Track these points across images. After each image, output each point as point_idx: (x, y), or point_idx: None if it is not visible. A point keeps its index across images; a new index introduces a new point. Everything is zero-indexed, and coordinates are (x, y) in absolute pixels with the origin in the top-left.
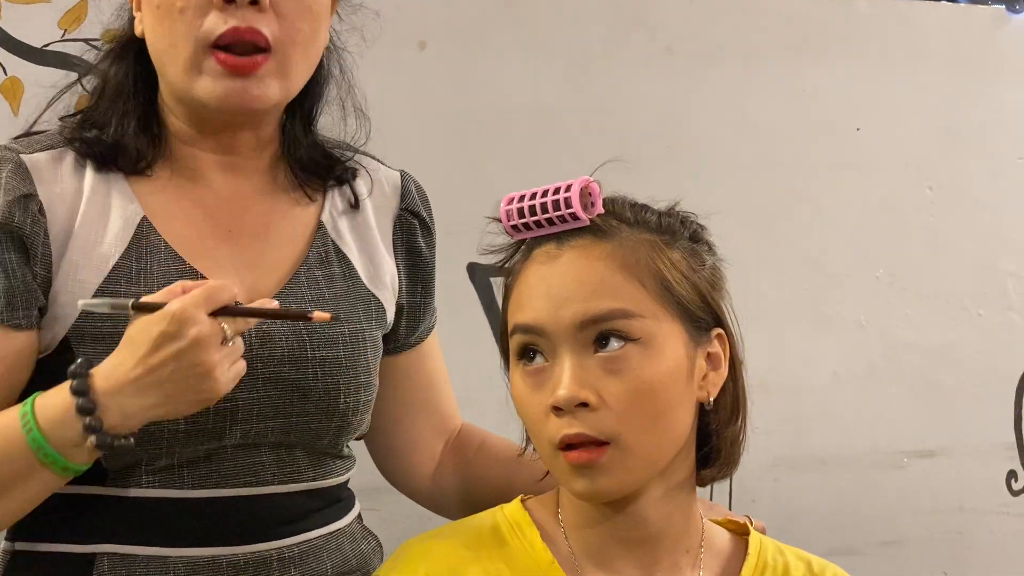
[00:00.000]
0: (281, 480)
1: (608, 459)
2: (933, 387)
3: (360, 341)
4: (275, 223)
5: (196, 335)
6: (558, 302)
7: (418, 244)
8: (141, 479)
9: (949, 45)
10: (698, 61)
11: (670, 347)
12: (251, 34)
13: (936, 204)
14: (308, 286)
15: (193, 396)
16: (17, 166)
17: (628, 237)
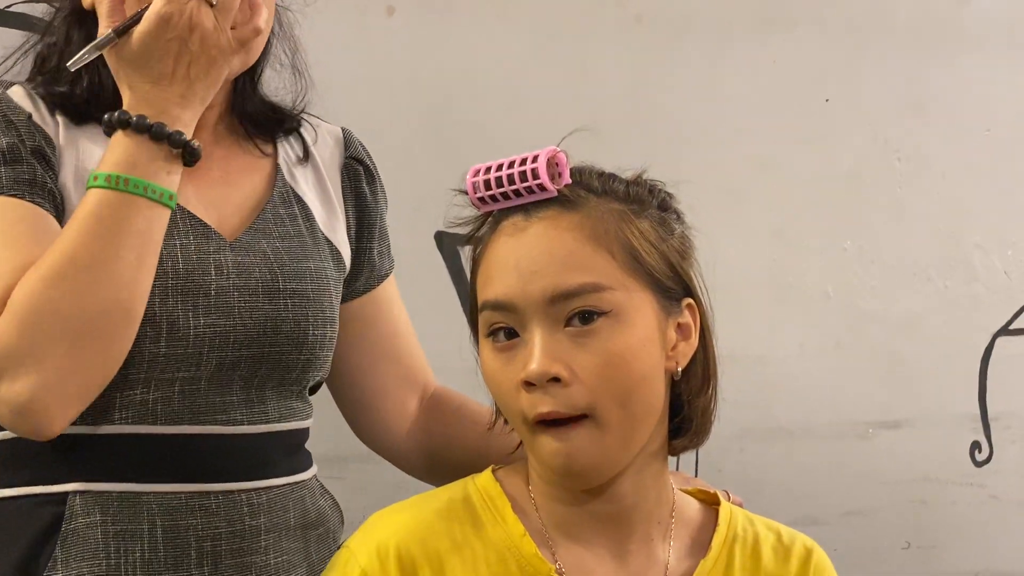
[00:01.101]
0: (250, 420)
1: (583, 433)
2: (898, 358)
3: (323, 278)
4: (234, 169)
5: (195, 24)
6: (527, 276)
7: (363, 190)
8: (114, 415)
9: (917, 18)
10: (667, 31)
11: (641, 318)
12: None
13: (903, 176)
14: (275, 223)
15: (218, 75)
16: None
17: (596, 207)
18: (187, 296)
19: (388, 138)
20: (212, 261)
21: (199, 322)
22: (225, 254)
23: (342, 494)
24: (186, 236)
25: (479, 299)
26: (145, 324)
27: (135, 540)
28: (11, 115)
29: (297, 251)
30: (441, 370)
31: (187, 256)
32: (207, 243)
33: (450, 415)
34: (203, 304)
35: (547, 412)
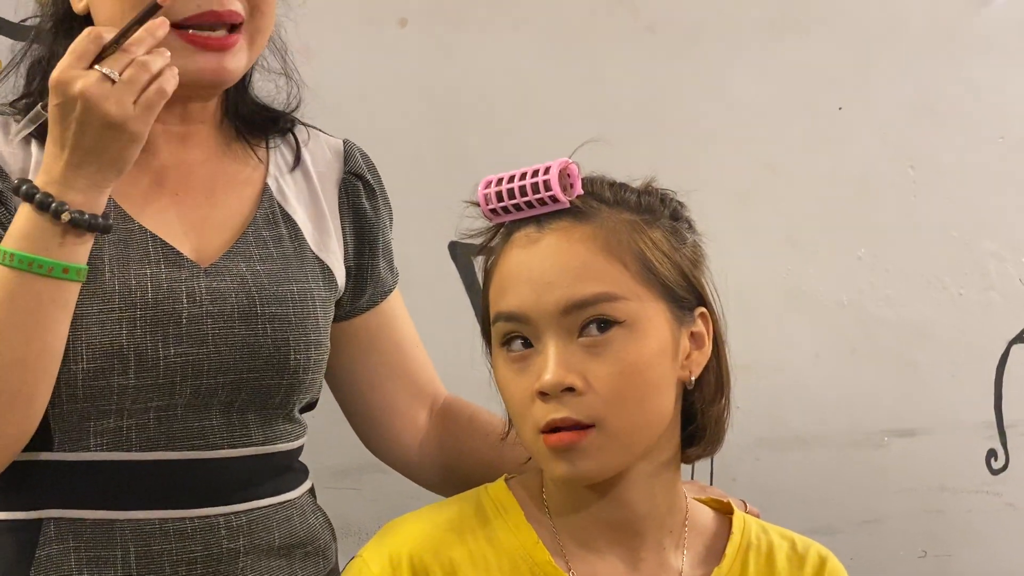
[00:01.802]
0: (231, 444)
1: (589, 442)
2: (913, 366)
3: (308, 300)
4: (220, 187)
5: (79, 92)
6: (541, 287)
7: (363, 206)
8: (89, 442)
9: (931, 24)
10: (680, 39)
11: (654, 328)
12: (231, 16)
13: (917, 183)
14: (256, 245)
15: (116, 144)
16: None
17: (608, 218)
18: (156, 326)
19: (401, 148)
20: (184, 289)
21: (169, 352)
22: (199, 281)
23: (357, 505)
24: (156, 265)
25: (492, 310)
26: (112, 357)
27: (108, 566)
28: None
29: (279, 273)
30: (454, 381)
31: (157, 286)
32: (179, 271)
33: (461, 426)
34: (173, 334)
35: (561, 419)
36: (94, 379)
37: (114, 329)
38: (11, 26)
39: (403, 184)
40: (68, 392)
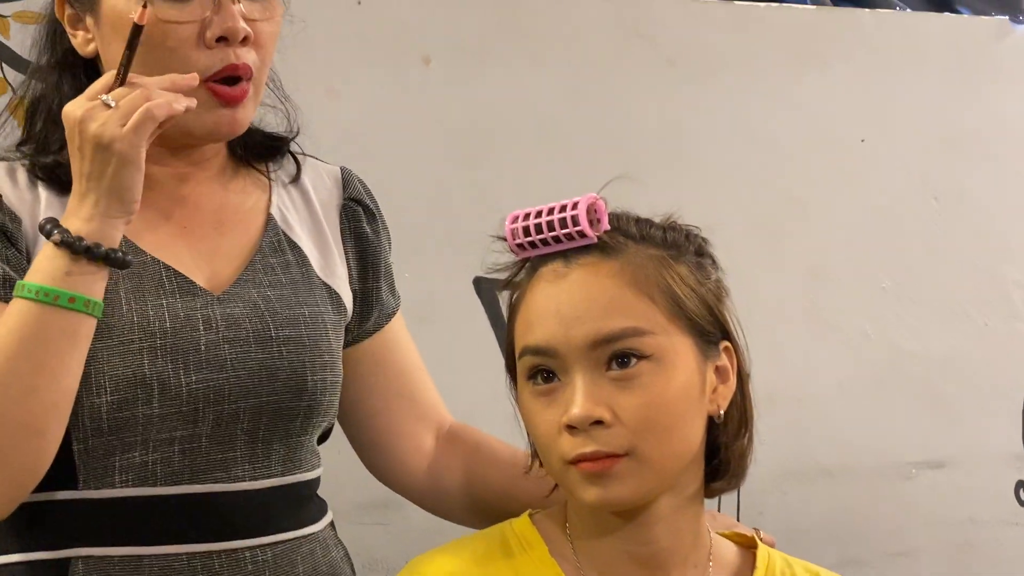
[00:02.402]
0: (252, 476)
1: (621, 469)
2: (940, 397)
3: (320, 323)
4: (227, 218)
5: (79, 118)
6: (568, 321)
7: (364, 230)
8: (114, 478)
9: (953, 56)
10: (700, 73)
11: (681, 362)
12: (244, 70)
13: (941, 214)
14: (264, 272)
15: (108, 168)
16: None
17: (635, 253)
18: (176, 354)
19: (425, 183)
20: (200, 317)
21: (191, 379)
22: (213, 308)
23: (382, 540)
24: (172, 295)
25: (518, 344)
26: (135, 387)
27: None
28: None
29: (290, 298)
30: (479, 415)
31: (174, 315)
32: (193, 300)
33: (468, 452)
34: (193, 360)
35: (590, 452)
36: (119, 410)
37: (136, 359)
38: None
39: (428, 219)
40: (93, 426)
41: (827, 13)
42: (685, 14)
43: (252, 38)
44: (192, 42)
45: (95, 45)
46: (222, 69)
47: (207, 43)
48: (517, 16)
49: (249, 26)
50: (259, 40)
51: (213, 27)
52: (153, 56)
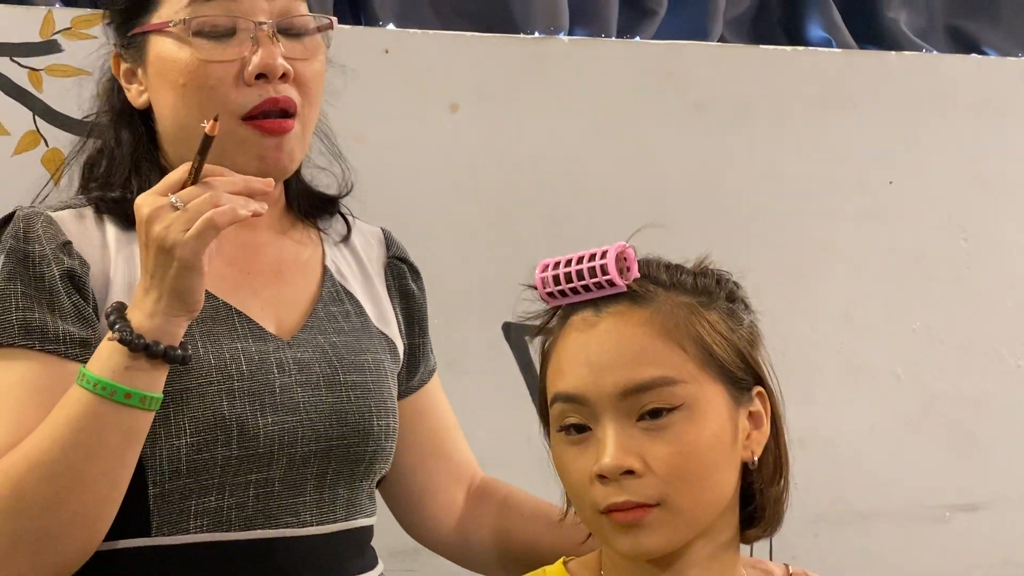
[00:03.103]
0: (319, 520)
1: (654, 519)
2: (973, 439)
3: (382, 370)
4: (286, 266)
5: (146, 216)
6: (599, 370)
7: (410, 287)
8: (189, 524)
9: (980, 96)
10: (729, 117)
11: (713, 410)
12: (286, 102)
13: (971, 255)
14: (328, 320)
15: (169, 271)
16: (48, 219)
17: (665, 301)
18: (253, 396)
19: (454, 230)
20: (273, 360)
21: (267, 420)
22: (284, 352)
23: None
24: (246, 339)
25: (550, 392)
26: (215, 428)
27: None
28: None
29: (353, 344)
30: (510, 461)
31: (249, 358)
32: (266, 344)
33: (496, 506)
34: (269, 402)
35: (621, 502)
36: (198, 452)
37: (215, 401)
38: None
39: (456, 266)
40: (172, 468)
41: (854, 56)
42: (712, 59)
43: (292, 76)
44: (231, 81)
45: (147, 96)
46: (261, 103)
47: (246, 80)
48: (544, 62)
49: (290, 65)
50: (300, 79)
51: (252, 65)
52: (195, 96)
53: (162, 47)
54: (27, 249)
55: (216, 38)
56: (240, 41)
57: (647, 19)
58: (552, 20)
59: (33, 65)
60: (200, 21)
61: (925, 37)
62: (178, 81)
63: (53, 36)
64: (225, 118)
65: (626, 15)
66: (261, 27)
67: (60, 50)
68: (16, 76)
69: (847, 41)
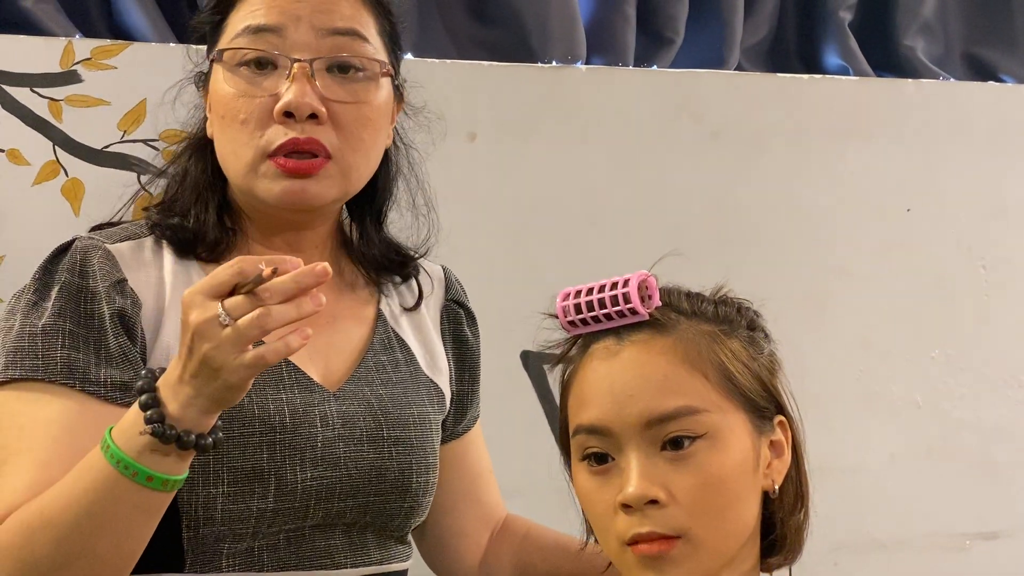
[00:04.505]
0: (353, 563)
1: (678, 552)
2: (993, 467)
3: (427, 423)
4: (340, 313)
5: (192, 321)
6: (622, 400)
7: (465, 333)
8: (221, 563)
9: (997, 124)
10: (745, 146)
11: (736, 439)
12: (309, 144)
13: (989, 282)
14: (376, 370)
15: (214, 385)
16: (106, 253)
17: (687, 329)
18: (294, 450)
19: (472, 259)
20: (317, 413)
21: (306, 475)
22: (330, 405)
23: None
24: (291, 391)
25: (572, 422)
26: (253, 480)
27: None
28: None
29: (400, 397)
30: (530, 490)
31: (293, 410)
32: (311, 396)
33: (517, 542)
34: (309, 457)
35: (646, 532)
36: (233, 502)
37: (255, 453)
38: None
39: (474, 295)
40: (206, 515)
41: (871, 84)
42: (729, 88)
43: (324, 117)
44: (262, 116)
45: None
46: (284, 144)
47: (275, 117)
48: (562, 92)
49: (327, 106)
50: (339, 122)
51: (280, 102)
52: (230, 129)
53: (216, 77)
54: (81, 284)
55: (256, 71)
56: (278, 76)
57: (664, 48)
58: (569, 49)
59: (53, 95)
60: (237, 54)
61: (942, 65)
62: (219, 112)
63: (73, 67)
64: (251, 152)
65: (643, 44)
66: (297, 64)
67: (80, 80)
68: (36, 106)
69: (864, 69)
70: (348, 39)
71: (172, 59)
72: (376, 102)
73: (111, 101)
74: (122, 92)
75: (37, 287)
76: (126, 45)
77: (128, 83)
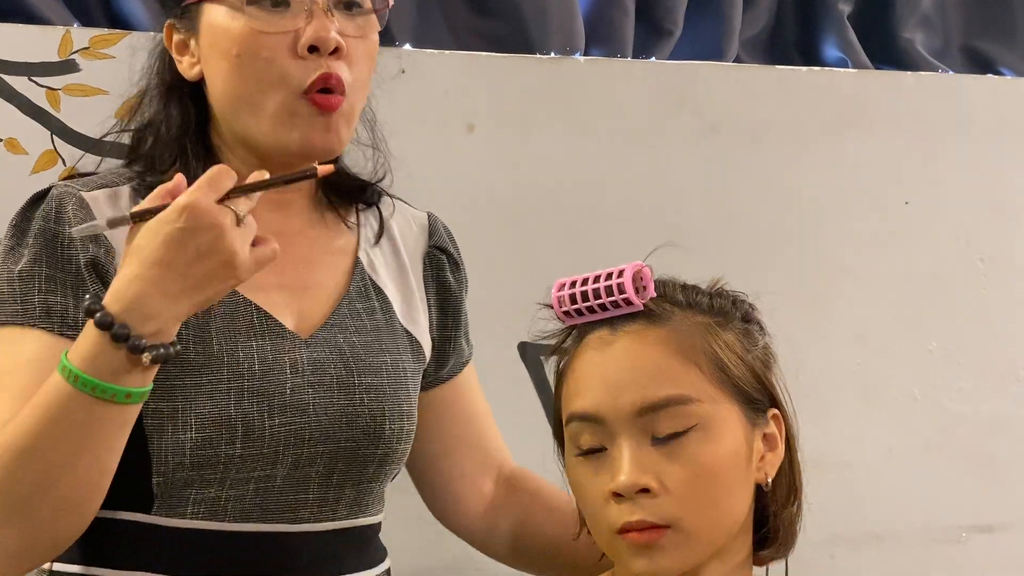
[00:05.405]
0: (316, 519)
1: (667, 541)
2: (989, 460)
3: (401, 371)
4: (317, 257)
5: (213, 223)
6: (615, 389)
7: (447, 279)
8: (186, 510)
9: (995, 117)
10: (744, 138)
11: (729, 430)
12: (337, 80)
13: (987, 275)
14: (351, 317)
15: (220, 284)
16: (80, 201)
17: (681, 320)
18: (262, 397)
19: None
20: (287, 360)
21: (274, 422)
22: (300, 352)
23: None
24: (262, 338)
25: (565, 411)
26: (220, 426)
27: None
28: (68, 230)
29: (373, 345)
30: None
31: (263, 358)
32: (282, 343)
33: (526, 499)
34: (278, 404)
35: (636, 521)
36: (202, 448)
37: (223, 400)
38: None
39: (472, 286)
40: (175, 460)
41: (870, 77)
42: (728, 79)
43: (344, 51)
44: (285, 52)
45: (199, 68)
46: (317, 79)
47: (299, 52)
48: (560, 83)
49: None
50: (351, 56)
51: (305, 37)
52: (250, 66)
53: (215, 16)
54: (57, 230)
55: (270, 9)
56: (294, 13)
57: (663, 40)
58: (568, 40)
59: (51, 84)
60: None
61: (941, 57)
62: (231, 51)
63: (71, 56)
64: (283, 91)
65: (642, 36)
66: (316, 1)
67: (78, 69)
68: (34, 95)
69: (863, 61)
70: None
71: None
72: (375, 37)
73: (109, 90)
74: (120, 81)
75: (14, 233)
76: (124, 34)
77: (126, 72)
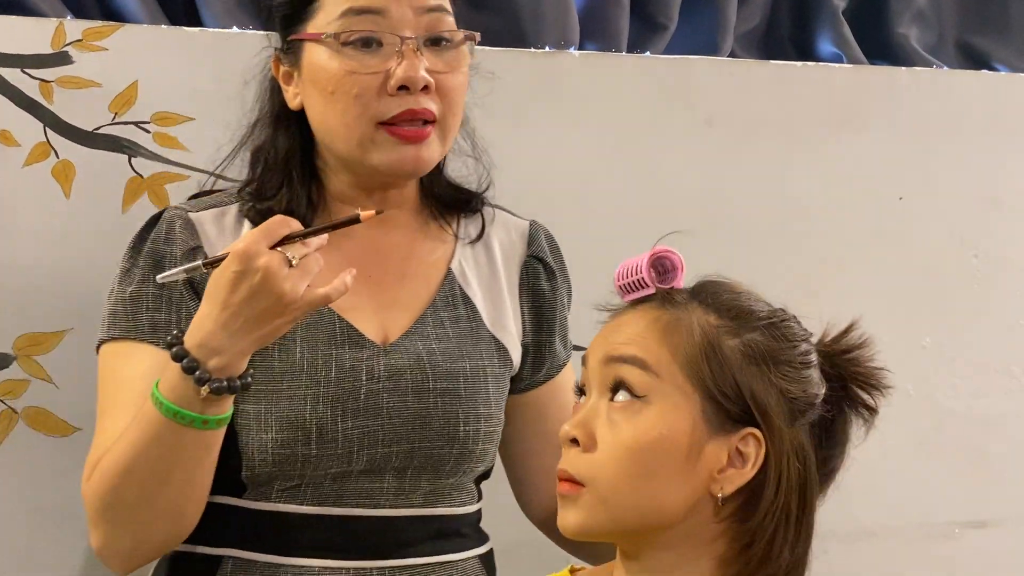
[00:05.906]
0: (394, 505)
1: (583, 500)
2: (983, 456)
3: (481, 377)
4: (411, 269)
5: (262, 265)
6: (598, 342)
7: (541, 286)
8: (271, 494)
9: (990, 113)
10: (738, 133)
11: (675, 416)
12: (423, 113)
13: (981, 272)
14: (433, 325)
15: (275, 322)
16: (186, 222)
17: (691, 313)
18: (336, 402)
19: None
20: (364, 368)
21: (347, 424)
22: (379, 360)
23: None
24: (342, 347)
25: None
26: (297, 428)
27: None
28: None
29: (453, 351)
30: None
31: (340, 365)
32: (361, 352)
33: None
34: (352, 408)
35: (559, 470)
36: (281, 447)
37: (300, 404)
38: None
39: None
40: (260, 457)
41: (864, 72)
42: (722, 74)
43: (433, 87)
44: (375, 90)
45: (301, 98)
46: (400, 113)
47: (389, 91)
48: (555, 77)
49: (432, 77)
50: (441, 90)
51: (395, 77)
52: (341, 102)
53: (315, 55)
54: (165, 251)
55: (363, 50)
56: (386, 54)
57: (657, 34)
58: (563, 35)
59: (44, 76)
60: (350, 35)
61: (936, 53)
62: (327, 88)
63: (64, 48)
64: (364, 122)
65: (636, 30)
66: (406, 42)
67: (71, 62)
68: (27, 87)
69: (857, 57)
70: (439, 15)
71: (163, 41)
72: (465, 68)
73: (102, 83)
74: (113, 74)
75: (131, 255)
76: (118, 27)
77: (119, 65)
